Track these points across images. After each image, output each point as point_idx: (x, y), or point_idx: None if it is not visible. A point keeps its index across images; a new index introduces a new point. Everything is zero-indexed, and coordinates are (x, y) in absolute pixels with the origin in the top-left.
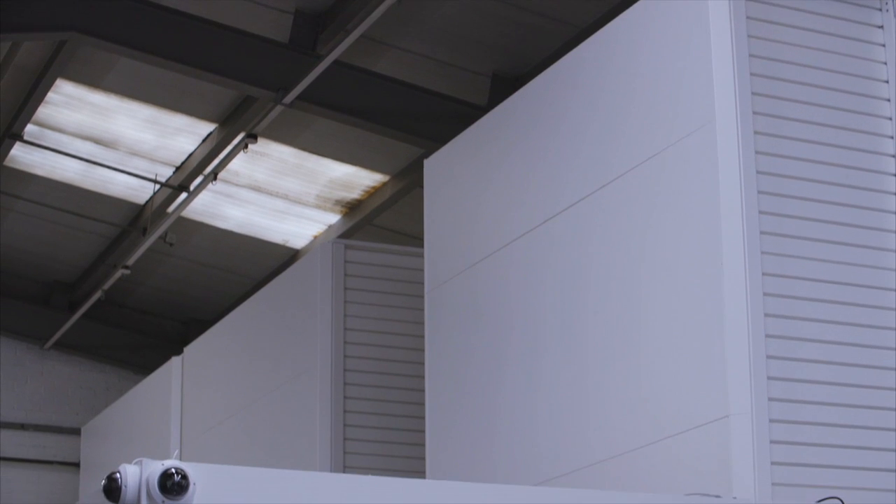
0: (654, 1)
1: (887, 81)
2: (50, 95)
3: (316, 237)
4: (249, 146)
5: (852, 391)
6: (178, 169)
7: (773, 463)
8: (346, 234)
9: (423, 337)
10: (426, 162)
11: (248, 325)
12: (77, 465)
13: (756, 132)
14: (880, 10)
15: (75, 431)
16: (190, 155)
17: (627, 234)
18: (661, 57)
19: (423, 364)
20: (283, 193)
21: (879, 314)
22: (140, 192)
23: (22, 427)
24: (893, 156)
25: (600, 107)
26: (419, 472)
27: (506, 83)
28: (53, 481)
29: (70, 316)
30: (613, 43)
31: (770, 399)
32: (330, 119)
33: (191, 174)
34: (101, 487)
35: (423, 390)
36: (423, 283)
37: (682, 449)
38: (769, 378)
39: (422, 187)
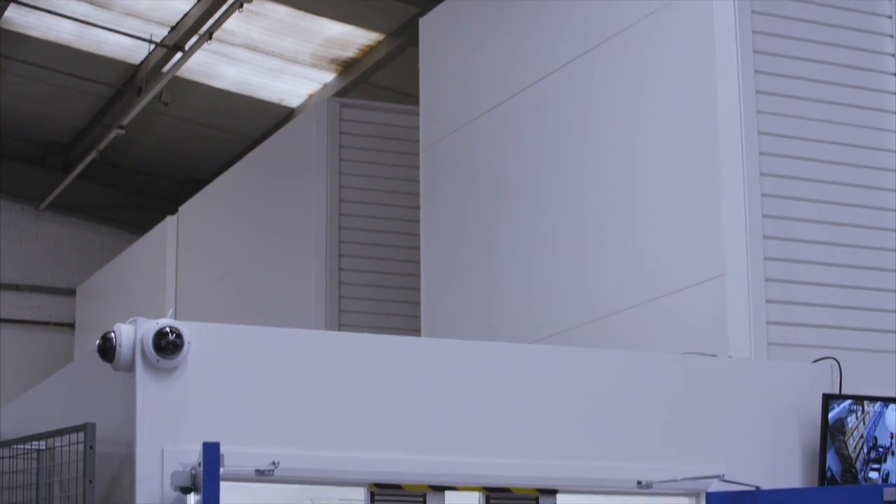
0: None
1: None
2: None
3: (311, 96)
4: (245, 5)
5: (850, 251)
6: (173, 29)
7: (768, 322)
8: (342, 92)
9: (418, 195)
10: (422, 20)
11: (244, 183)
12: (72, 325)
13: None
14: None
15: (70, 292)
16: (185, 14)
17: (624, 91)
18: None
19: (418, 222)
20: (278, 52)
21: (877, 175)
22: (135, 52)
23: (17, 288)
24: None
25: None
26: (414, 331)
27: None
28: (49, 342)
29: (65, 177)
30: None
31: (766, 258)
32: None
33: (186, 34)
34: (96, 347)
35: (418, 248)
36: (418, 142)
37: (677, 307)
38: (765, 237)
39: (417, 46)
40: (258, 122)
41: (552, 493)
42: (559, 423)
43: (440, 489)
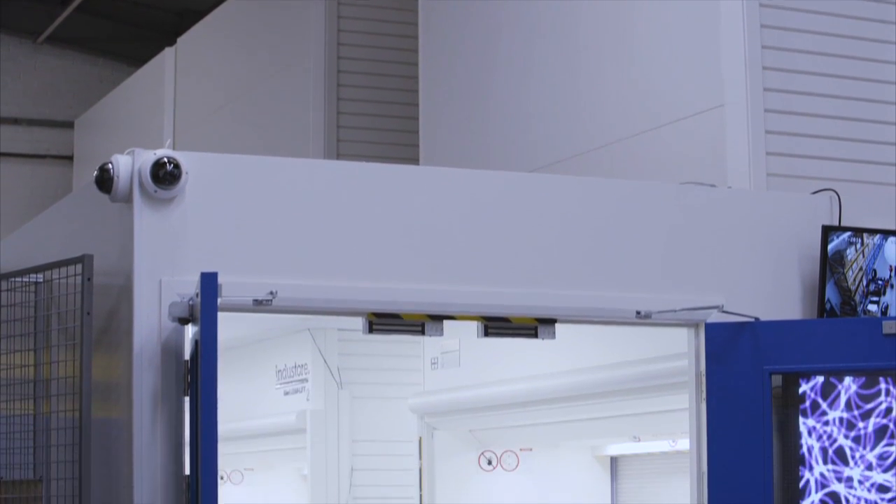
0: None
1: None
2: None
3: None
4: None
5: (850, 84)
6: None
7: (767, 153)
8: None
9: (416, 24)
10: None
11: (242, 14)
12: (70, 158)
13: None
14: None
15: (69, 125)
16: None
17: None
18: None
19: (416, 51)
20: None
21: (877, 7)
22: None
23: (16, 122)
24: None
25: None
26: (413, 160)
27: None
28: (47, 175)
29: (63, 9)
30: None
31: (765, 89)
32: None
33: None
34: (94, 178)
35: (416, 77)
36: None
37: (676, 137)
38: (764, 68)
39: None
40: None
41: (551, 322)
42: (558, 253)
43: (438, 318)
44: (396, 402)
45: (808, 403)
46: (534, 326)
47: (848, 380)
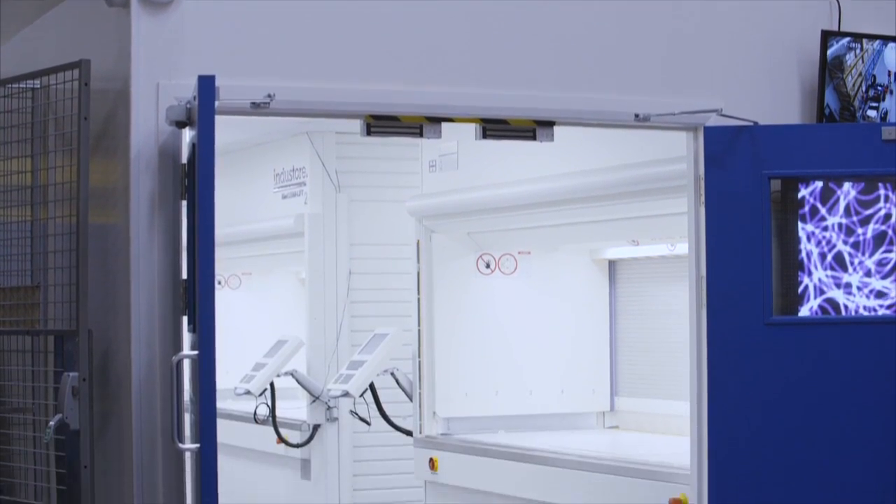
0: None
1: None
2: None
3: None
4: None
5: None
6: None
7: None
8: None
9: None
10: None
11: None
12: None
13: None
14: None
15: None
16: None
17: None
18: None
19: None
20: None
21: None
22: None
23: None
24: None
25: None
26: None
27: None
28: None
29: None
30: None
31: None
32: None
33: None
34: None
35: None
36: None
37: None
38: None
39: None
40: None
41: (549, 124)
42: (557, 55)
43: (437, 120)
44: (394, 205)
45: (806, 209)
46: (532, 129)
47: (847, 185)
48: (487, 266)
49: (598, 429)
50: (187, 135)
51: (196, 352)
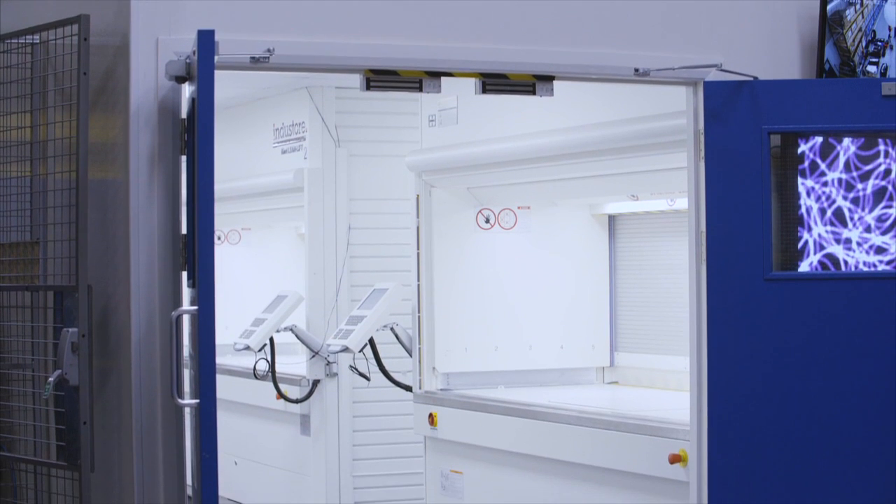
0: None
1: None
2: None
3: None
4: None
5: None
6: None
7: None
8: None
9: None
10: None
11: None
12: None
13: None
14: None
15: None
16: None
17: None
18: None
19: None
20: None
21: None
22: None
23: None
24: None
25: None
26: None
27: None
28: None
29: None
30: None
31: None
32: None
33: None
34: None
35: None
36: None
37: None
38: None
39: None
40: None
41: (549, 79)
42: (557, 9)
43: (436, 75)
44: (394, 159)
45: (806, 164)
46: (532, 83)
47: (847, 141)
48: (487, 221)
49: (597, 384)
50: (187, 90)
51: (195, 307)
